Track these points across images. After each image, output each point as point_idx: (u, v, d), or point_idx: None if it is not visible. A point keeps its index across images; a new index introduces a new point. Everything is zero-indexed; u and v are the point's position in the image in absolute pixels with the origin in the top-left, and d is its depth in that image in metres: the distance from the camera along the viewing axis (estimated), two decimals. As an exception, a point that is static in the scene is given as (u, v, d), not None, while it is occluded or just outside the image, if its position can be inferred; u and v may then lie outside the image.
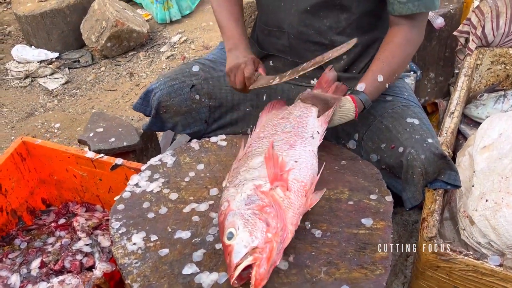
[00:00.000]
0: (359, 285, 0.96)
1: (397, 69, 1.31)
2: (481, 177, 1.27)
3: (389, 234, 1.07)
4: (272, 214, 0.97)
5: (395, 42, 1.30)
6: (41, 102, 3.05)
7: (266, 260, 0.91)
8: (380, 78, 1.28)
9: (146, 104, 1.60)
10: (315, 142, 1.21)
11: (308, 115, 1.26)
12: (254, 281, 0.89)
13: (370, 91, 1.28)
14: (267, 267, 0.90)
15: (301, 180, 1.08)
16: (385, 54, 1.29)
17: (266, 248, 0.92)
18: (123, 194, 1.24)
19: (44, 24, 3.40)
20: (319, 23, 1.37)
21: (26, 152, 1.64)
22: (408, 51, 1.31)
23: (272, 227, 0.95)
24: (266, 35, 1.50)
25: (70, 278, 1.34)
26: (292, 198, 1.03)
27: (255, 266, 0.90)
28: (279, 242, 0.94)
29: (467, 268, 1.10)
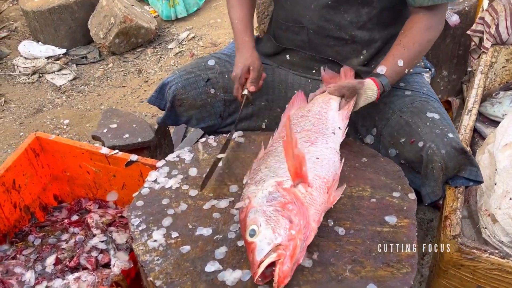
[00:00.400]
0: (386, 284, 0.95)
1: (417, 55, 1.31)
2: (504, 175, 1.25)
3: (414, 232, 1.06)
4: (295, 211, 0.96)
5: (415, 28, 1.29)
6: (49, 98, 3.03)
7: (290, 257, 0.90)
8: (400, 63, 1.28)
9: (161, 97, 1.60)
10: (336, 138, 1.20)
11: (328, 110, 1.25)
12: (277, 279, 0.88)
13: (390, 75, 1.28)
14: (291, 265, 0.89)
15: (323, 177, 1.07)
16: (406, 40, 1.29)
17: (289, 246, 0.91)
18: (141, 191, 1.22)
19: (51, 20, 3.39)
20: (340, 18, 1.36)
21: (39, 148, 1.63)
22: (428, 37, 1.31)
23: (295, 224, 0.94)
24: (284, 30, 1.49)
25: (86, 275, 1.32)
26: (314, 195, 1.02)
27: (279, 264, 0.89)
28: (302, 240, 0.93)
29: (492, 266, 1.09)
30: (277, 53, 1.55)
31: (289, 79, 1.52)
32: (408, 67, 1.30)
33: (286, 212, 0.95)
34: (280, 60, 1.54)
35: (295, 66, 1.51)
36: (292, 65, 1.52)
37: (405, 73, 1.31)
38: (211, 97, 1.52)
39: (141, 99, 2.90)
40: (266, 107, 1.55)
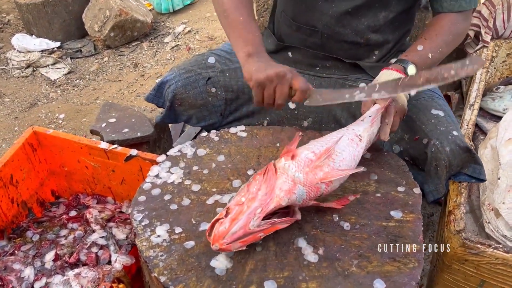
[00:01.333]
0: (393, 279, 0.94)
1: (441, 44, 1.25)
2: (507, 169, 1.25)
3: (419, 227, 1.05)
4: (258, 181, 0.99)
5: (439, 24, 1.27)
6: (44, 93, 2.99)
7: (230, 219, 0.93)
8: (420, 47, 1.23)
9: (159, 95, 1.56)
10: (362, 122, 1.15)
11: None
12: (212, 236, 0.92)
13: (406, 56, 1.23)
14: (229, 226, 0.92)
15: (312, 150, 1.04)
16: (428, 33, 1.27)
17: (234, 210, 0.95)
18: (143, 186, 1.21)
19: (45, 12, 3.34)
20: (357, 23, 1.33)
21: (37, 142, 1.60)
22: (453, 31, 1.27)
23: (250, 192, 0.97)
24: (294, 30, 1.44)
25: (87, 271, 1.30)
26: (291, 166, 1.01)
27: (218, 222, 0.94)
28: (254, 207, 0.95)
29: (496, 261, 1.09)
30: (279, 50, 1.51)
31: None
32: (431, 52, 1.23)
33: (251, 182, 1.00)
34: (282, 57, 1.50)
35: (298, 63, 1.49)
36: (295, 62, 1.49)
37: (428, 57, 1.23)
38: (212, 96, 1.49)
39: (138, 94, 2.87)
40: None
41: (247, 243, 0.95)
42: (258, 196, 0.96)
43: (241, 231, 0.93)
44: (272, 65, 1.15)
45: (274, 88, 1.13)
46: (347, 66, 1.43)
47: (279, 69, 1.12)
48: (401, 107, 1.18)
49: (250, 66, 1.15)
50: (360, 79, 1.43)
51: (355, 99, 1.09)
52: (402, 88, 1.04)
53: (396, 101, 1.17)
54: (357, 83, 1.42)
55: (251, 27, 1.23)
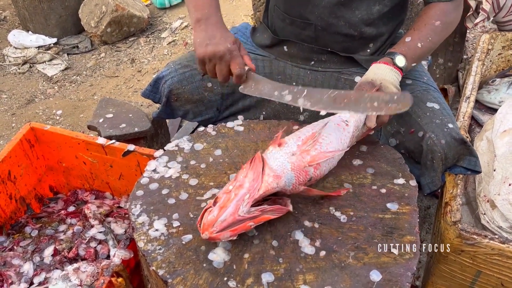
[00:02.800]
0: (389, 270, 0.95)
1: (430, 33, 1.26)
2: (503, 161, 1.26)
3: (415, 219, 1.06)
4: (245, 170, 1.00)
5: (428, 14, 1.28)
6: (41, 89, 2.99)
7: (218, 208, 0.94)
8: (408, 39, 1.25)
9: (155, 91, 1.56)
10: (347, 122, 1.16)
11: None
12: (202, 225, 0.94)
13: (395, 48, 1.25)
14: (217, 214, 0.93)
15: (298, 136, 1.07)
16: (417, 24, 1.28)
17: (222, 198, 0.96)
18: (141, 180, 1.21)
19: (41, 8, 3.32)
20: (351, 15, 1.33)
21: (34, 138, 1.60)
22: (443, 20, 1.27)
23: (237, 180, 0.99)
24: (288, 24, 1.44)
25: (86, 265, 1.31)
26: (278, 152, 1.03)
27: (207, 211, 0.95)
28: (242, 193, 0.95)
29: (492, 252, 1.10)
30: (274, 45, 1.51)
31: (288, 71, 1.49)
32: (420, 42, 1.25)
33: (239, 171, 1.02)
34: (277, 51, 1.50)
35: (294, 57, 1.49)
36: (291, 56, 1.49)
37: (418, 46, 1.25)
38: (208, 91, 1.49)
39: (135, 89, 2.87)
40: (265, 99, 1.53)
41: (237, 232, 0.95)
42: (245, 183, 0.97)
43: (230, 219, 0.94)
44: (214, 39, 1.15)
45: (214, 65, 1.16)
46: (342, 59, 1.43)
47: (218, 48, 1.13)
48: None
49: (196, 36, 1.17)
50: (355, 73, 1.43)
51: (283, 100, 1.12)
52: (325, 104, 1.06)
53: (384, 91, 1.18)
54: (352, 77, 1.43)
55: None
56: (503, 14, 1.93)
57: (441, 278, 1.25)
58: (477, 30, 2.77)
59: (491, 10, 1.91)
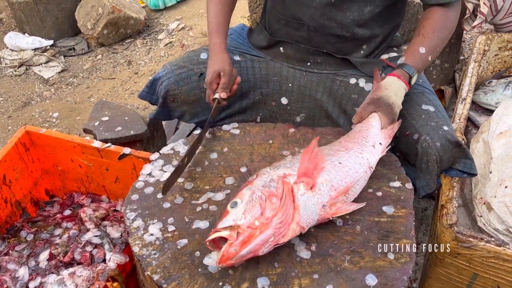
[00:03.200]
0: (385, 274, 0.95)
1: (438, 42, 1.29)
2: (499, 163, 1.26)
3: (411, 222, 1.06)
4: (275, 206, 0.95)
5: (434, 18, 1.28)
6: (37, 91, 2.98)
7: (241, 242, 0.90)
8: (422, 50, 1.26)
9: (152, 92, 1.56)
10: (375, 151, 1.15)
11: (369, 127, 1.19)
12: (220, 256, 0.90)
13: (412, 61, 1.26)
14: (239, 250, 0.90)
15: (332, 184, 1.02)
16: (425, 30, 1.28)
17: (246, 232, 0.91)
18: (136, 184, 1.21)
19: (37, 10, 3.31)
20: (342, 16, 1.33)
21: (29, 142, 1.59)
22: (446, 26, 1.29)
23: (265, 217, 0.93)
24: (283, 25, 1.45)
25: (81, 270, 1.31)
26: (311, 199, 0.99)
27: (227, 244, 0.90)
28: (268, 234, 0.92)
29: (488, 254, 1.09)
30: (270, 46, 1.51)
31: (284, 72, 1.49)
32: (430, 55, 1.28)
33: (266, 203, 0.95)
34: (274, 52, 1.51)
35: (290, 59, 1.49)
36: (287, 58, 1.49)
37: (429, 60, 1.28)
38: (204, 92, 1.49)
39: (132, 91, 2.86)
40: (261, 101, 1.53)
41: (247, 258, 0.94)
42: (273, 223, 0.93)
43: (249, 255, 0.92)
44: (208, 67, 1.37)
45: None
46: (338, 61, 1.43)
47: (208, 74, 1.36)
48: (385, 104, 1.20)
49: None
50: (350, 75, 1.43)
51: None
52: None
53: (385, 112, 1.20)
54: (347, 79, 1.43)
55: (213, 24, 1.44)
56: (501, 16, 1.93)
57: (437, 281, 1.25)
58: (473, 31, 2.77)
59: (489, 12, 1.90)
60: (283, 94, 1.50)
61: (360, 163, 1.09)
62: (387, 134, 1.19)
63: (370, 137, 1.16)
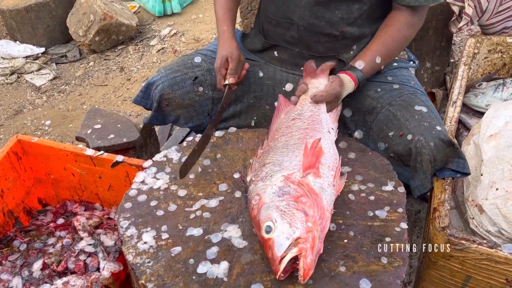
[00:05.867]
0: (379, 278, 0.95)
1: (394, 52, 1.38)
2: (489, 166, 1.27)
3: (404, 226, 1.06)
4: (308, 204, 0.97)
5: (396, 26, 1.34)
6: (29, 99, 2.97)
7: (311, 249, 0.90)
8: (378, 60, 1.35)
9: (146, 97, 1.57)
10: (332, 136, 1.23)
11: (319, 113, 1.27)
12: (303, 272, 0.88)
13: (367, 71, 1.35)
14: (313, 256, 0.89)
15: (327, 165, 1.09)
16: (386, 37, 1.34)
17: (309, 238, 0.91)
18: (129, 192, 1.20)
19: (29, 18, 3.31)
20: (331, 15, 1.35)
21: (21, 151, 1.59)
22: (407, 35, 1.37)
23: (311, 216, 0.95)
24: (274, 25, 1.47)
25: (75, 279, 1.30)
26: (324, 184, 1.04)
27: (302, 257, 0.89)
28: (319, 230, 0.94)
29: (481, 257, 1.10)
30: (264, 50, 1.53)
31: (277, 76, 1.51)
32: (384, 63, 1.38)
33: (300, 205, 0.96)
34: (268, 56, 1.52)
35: (284, 62, 1.50)
36: (281, 61, 1.50)
37: (380, 68, 1.39)
38: (199, 96, 1.50)
39: (124, 98, 2.86)
40: (255, 104, 1.53)
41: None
42: (317, 217, 0.95)
43: (318, 255, 0.93)
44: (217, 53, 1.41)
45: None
46: None
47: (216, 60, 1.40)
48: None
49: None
50: None
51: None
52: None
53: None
54: None
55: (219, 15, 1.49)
56: (487, 17, 1.95)
57: (431, 284, 1.26)
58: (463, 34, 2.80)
59: (474, 14, 1.92)
60: (276, 97, 1.51)
61: (331, 144, 1.19)
62: (334, 118, 1.30)
63: (323, 123, 1.24)
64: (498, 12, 1.95)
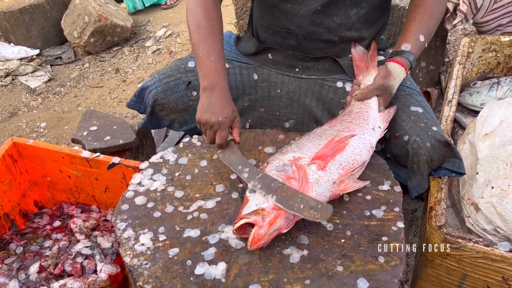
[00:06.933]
0: (376, 277, 0.95)
1: (433, 28, 1.34)
2: (485, 164, 1.28)
3: (401, 225, 1.07)
4: (295, 187, 1.03)
5: (426, 4, 1.32)
6: (24, 101, 2.95)
7: (268, 224, 0.98)
8: (422, 38, 1.32)
9: (140, 101, 1.56)
10: (375, 134, 1.23)
11: (368, 110, 1.28)
12: (251, 239, 0.97)
13: (415, 51, 1.31)
14: (268, 230, 0.97)
15: (340, 163, 1.11)
16: (421, 15, 1.32)
17: (271, 214, 0.99)
18: (126, 194, 1.20)
19: (23, 20, 3.30)
20: (330, 21, 1.35)
21: (17, 153, 1.58)
22: (439, 10, 1.34)
23: None
24: (270, 34, 1.45)
25: (72, 281, 1.30)
26: (322, 177, 1.07)
27: (257, 226, 0.97)
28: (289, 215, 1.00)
29: (477, 255, 1.11)
30: (258, 52, 1.52)
31: (272, 78, 1.50)
32: (427, 41, 1.34)
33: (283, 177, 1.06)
34: (262, 59, 1.51)
35: (278, 65, 1.49)
36: (275, 64, 1.50)
37: (425, 46, 1.34)
38: (193, 100, 1.49)
39: (120, 99, 2.85)
40: (250, 107, 1.53)
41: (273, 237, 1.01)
42: None
43: (275, 233, 0.99)
44: (212, 109, 1.21)
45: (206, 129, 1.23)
46: (326, 66, 1.44)
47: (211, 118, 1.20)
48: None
49: (200, 101, 1.25)
50: (338, 79, 1.44)
51: (241, 176, 1.14)
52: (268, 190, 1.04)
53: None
54: (335, 83, 1.44)
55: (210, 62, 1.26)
56: (481, 14, 1.97)
57: (428, 282, 1.26)
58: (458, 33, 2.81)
59: (469, 11, 1.94)
60: (272, 100, 1.51)
61: (363, 143, 1.18)
62: (384, 118, 1.27)
63: (370, 120, 1.24)
64: (492, 9, 1.96)
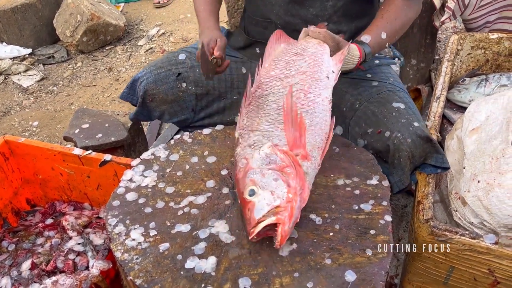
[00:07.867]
0: (364, 269, 0.97)
1: (398, 30, 1.33)
2: (471, 159, 1.30)
3: (388, 218, 1.08)
4: (292, 175, 1.01)
5: (396, 5, 1.32)
6: (17, 100, 2.95)
7: (289, 218, 0.95)
8: (383, 35, 1.30)
9: (132, 93, 1.59)
10: (330, 83, 1.19)
11: (323, 53, 1.24)
12: (280, 238, 0.94)
13: (373, 45, 1.29)
14: (290, 224, 0.95)
15: (317, 146, 1.10)
16: (388, 14, 1.31)
17: (288, 207, 0.96)
18: (117, 190, 1.21)
19: (15, 19, 3.29)
20: (305, 12, 1.38)
21: (9, 151, 1.58)
22: (409, 15, 1.33)
23: (293, 187, 0.99)
24: (254, 25, 1.51)
25: (64, 278, 1.30)
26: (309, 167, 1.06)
27: (281, 225, 0.94)
28: (298, 200, 0.99)
29: (463, 247, 1.13)
30: (247, 46, 1.56)
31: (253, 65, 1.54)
32: (389, 41, 1.32)
33: (285, 176, 1.01)
34: (250, 53, 1.55)
35: None
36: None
37: (385, 46, 1.33)
38: (182, 92, 1.52)
39: (113, 98, 2.85)
40: (239, 100, 1.55)
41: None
42: (297, 190, 1.00)
43: (294, 224, 0.97)
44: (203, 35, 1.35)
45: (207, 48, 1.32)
46: None
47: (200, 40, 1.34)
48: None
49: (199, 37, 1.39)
50: None
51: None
52: None
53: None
54: None
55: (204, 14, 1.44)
56: (469, 11, 1.99)
57: (417, 275, 1.28)
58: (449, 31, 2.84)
59: (457, 8, 1.96)
60: None
61: (324, 108, 1.15)
62: (338, 59, 1.23)
63: (324, 66, 1.20)
64: (480, 6, 1.99)
